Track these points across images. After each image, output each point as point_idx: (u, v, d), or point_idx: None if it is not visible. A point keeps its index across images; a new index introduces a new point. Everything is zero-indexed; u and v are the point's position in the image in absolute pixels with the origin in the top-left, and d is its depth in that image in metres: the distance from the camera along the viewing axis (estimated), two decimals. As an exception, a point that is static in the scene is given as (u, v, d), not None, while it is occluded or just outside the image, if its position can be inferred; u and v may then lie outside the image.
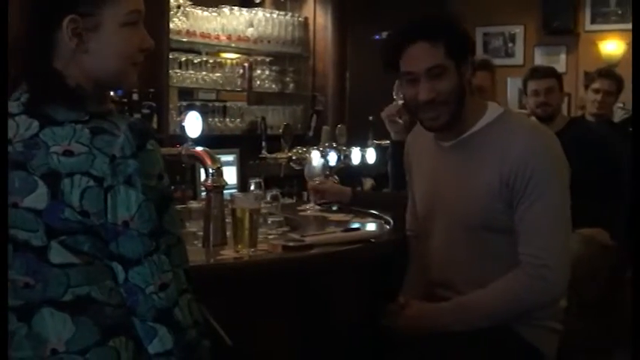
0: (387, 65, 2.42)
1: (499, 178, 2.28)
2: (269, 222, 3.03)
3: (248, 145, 5.00)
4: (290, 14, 5.86)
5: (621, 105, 5.31)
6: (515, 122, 2.44)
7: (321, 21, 5.96)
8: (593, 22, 6.39)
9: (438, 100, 2.32)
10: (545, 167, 2.29)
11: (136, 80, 1.75)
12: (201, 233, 2.65)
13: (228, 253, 2.42)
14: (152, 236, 1.57)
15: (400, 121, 3.35)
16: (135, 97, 4.57)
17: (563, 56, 6.39)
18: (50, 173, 1.55)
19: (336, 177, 3.82)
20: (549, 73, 4.33)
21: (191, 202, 3.54)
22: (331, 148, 3.95)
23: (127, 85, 1.88)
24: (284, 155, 4.02)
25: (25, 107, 1.61)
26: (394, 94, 2.43)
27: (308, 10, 5.98)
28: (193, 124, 2.84)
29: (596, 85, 4.94)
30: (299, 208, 3.68)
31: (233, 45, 5.46)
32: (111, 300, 1.60)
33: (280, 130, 4.31)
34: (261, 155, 4.22)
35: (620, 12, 6.28)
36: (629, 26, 6.23)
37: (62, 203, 1.55)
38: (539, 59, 6.31)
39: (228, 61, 5.55)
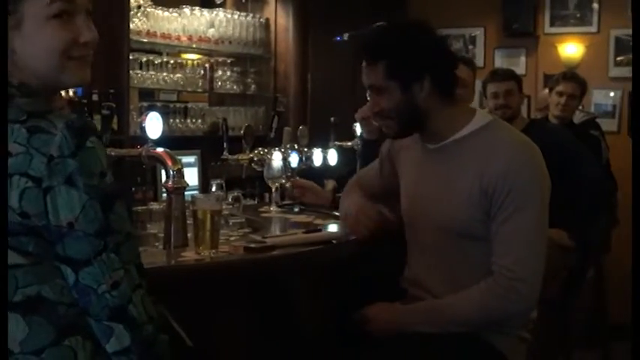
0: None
1: (479, 187, 2.29)
2: (230, 223, 3.04)
3: (209, 147, 4.99)
4: (251, 15, 5.86)
5: (580, 107, 5.39)
6: (501, 133, 2.43)
7: (283, 22, 5.97)
8: (552, 24, 6.45)
9: (382, 114, 2.40)
10: (525, 183, 2.29)
11: (87, 76, 1.70)
12: (162, 235, 2.66)
13: (189, 255, 2.41)
14: (99, 236, 1.56)
15: (374, 122, 3.38)
16: (95, 97, 4.55)
17: (523, 58, 6.44)
18: None
19: (297, 178, 3.83)
20: (509, 75, 4.37)
21: (152, 203, 3.53)
22: (293, 149, 3.96)
23: (72, 82, 1.75)
24: (245, 156, 4.02)
25: None
26: (368, 95, 2.44)
27: (269, 11, 5.98)
28: (154, 125, 2.83)
29: (560, 88, 5.01)
30: (261, 209, 3.69)
31: (194, 46, 5.44)
32: (63, 299, 1.58)
33: (242, 132, 4.29)
34: (222, 156, 4.21)
35: (578, 15, 6.35)
36: (588, 29, 6.34)
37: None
38: (500, 61, 6.36)
39: (189, 62, 5.54)
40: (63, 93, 2.55)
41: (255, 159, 3.94)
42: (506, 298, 2.28)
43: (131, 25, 4.89)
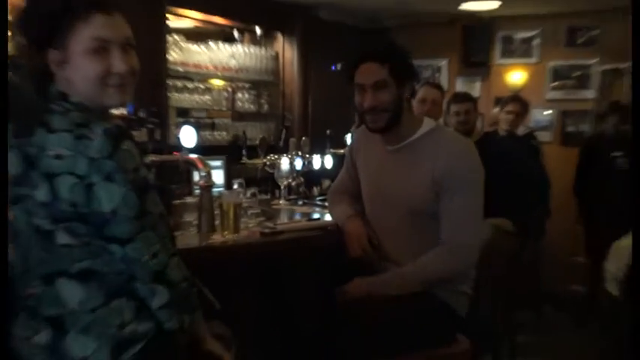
0: (347, 77, 2.47)
1: (432, 177, 2.34)
2: (249, 213, 3.04)
3: (232, 153, 4.97)
4: (264, 49, 5.84)
5: (524, 123, 5.45)
6: (445, 135, 2.50)
7: (289, 55, 5.94)
8: (502, 57, 6.42)
9: (379, 107, 2.38)
10: (464, 171, 2.36)
11: (125, 99, 1.68)
12: (195, 222, 2.66)
13: (216, 238, 2.43)
14: (138, 218, 1.57)
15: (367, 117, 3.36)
16: (142, 114, 4.56)
17: (478, 84, 6.43)
18: (48, 173, 1.55)
19: (301, 178, 3.85)
20: (467, 98, 4.38)
21: (187, 198, 3.52)
22: (297, 155, 3.97)
23: (112, 104, 1.70)
24: (260, 161, 4.03)
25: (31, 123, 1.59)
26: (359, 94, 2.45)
27: (278, 46, 5.96)
28: (188, 136, 2.86)
29: (509, 107, 5.03)
30: (272, 202, 3.70)
31: (219, 74, 5.43)
32: (110, 270, 1.60)
33: (257, 142, 4.31)
34: (242, 161, 4.22)
35: (522, 49, 6.35)
36: (530, 60, 6.31)
37: (58, 198, 1.55)
38: (460, 86, 6.36)
39: (216, 86, 5.52)
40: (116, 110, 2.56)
41: (268, 163, 3.96)
42: (452, 261, 2.36)
43: (169, 57, 4.90)
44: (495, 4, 5.79)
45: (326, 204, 3.41)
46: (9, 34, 1.75)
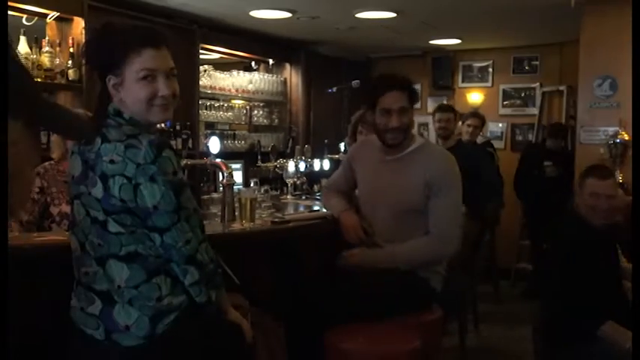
0: (369, 102, 2.43)
1: (423, 182, 2.34)
2: (262, 206, 3.02)
3: (249, 158, 4.97)
4: (275, 76, 5.84)
5: (481, 134, 5.43)
6: (433, 149, 2.53)
7: (295, 80, 5.95)
8: (462, 82, 6.42)
9: (401, 128, 2.37)
10: (448, 179, 2.38)
11: (168, 116, 1.66)
12: (219, 213, 2.63)
13: (236, 226, 2.40)
14: (174, 212, 1.56)
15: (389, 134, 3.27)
16: (177, 127, 4.56)
17: (444, 103, 6.44)
18: (103, 175, 1.54)
19: (304, 178, 3.81)
20: (449, 109, 4.34)
21: (213, 193, 3.52)
22: (301, 159, 3.95)
23: (157, 120, 1.67)
24: (271, 164, 4.01)
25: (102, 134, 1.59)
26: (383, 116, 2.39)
27: (286, 73, 5.96)
28: (214, 144, 2.83)
29: (469, 122, 4.99)
30: (281, 197, 3.67)
31: (239, 95, 5.42)
32: (151, 253, 1.58)
33: (269, 149, 4.28)
34: (257, 164, 4.19)
35: (479, 76, 6.33)
36: (486, 84, 6.31)
37: (109, 194, 1.54)
38: (431, 105, 6.34)
39: (237, 105, 5.52)
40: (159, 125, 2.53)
41: (278, 166, 3.93)
42: (438, 248, 2.35)
43: (200, 82, 4.91)
44: (457, 41, 5.85)
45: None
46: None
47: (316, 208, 3.12)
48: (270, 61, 5.92)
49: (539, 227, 4.95)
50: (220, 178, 2.71)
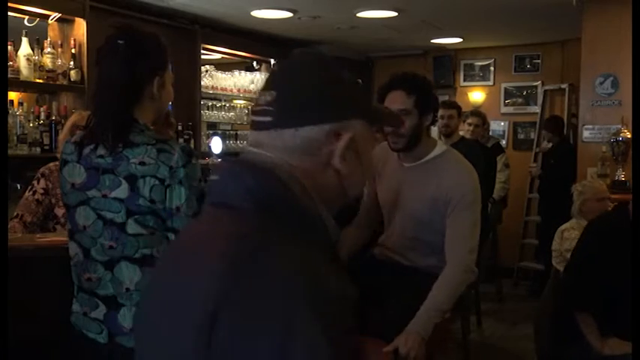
0: (379, 99, 2.25)
1: (434, 197, 2.20)
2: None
3: (251, 158, 4.98)
4: (277, 76, 5.83)
5: (490, 134, 5.46)
6: (453, 159, 2.30)
7: (297, 80, 5.93)
8: (464, 80, 6.42)
9: (400, 132, 2.18)
10: (467, 193, 2.20)
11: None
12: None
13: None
14: (194, 216, 1.57)
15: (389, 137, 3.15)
16: (179, 127, 4.55)
17: (447, 99, 6.42)
18: (131, 176, 1.55)
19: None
20: (452, 105, 4.32)
21: (215, 193, 3.48)
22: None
23: (170, 118, 1.83)
24: (273, 164, 3.99)
25: (113, 139, 1.58)
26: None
27: (288, 73, 5.95)
28: (216, 144, 2.82)
29: (469, 120, 4.97)
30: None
31: (241, 95, 5.40)
32: None
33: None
34: (259, 164, 4.18)
35: (481, 74, 6.33)
36: (487, 83, 6.30)
37: (137, 195, 1.54)
38: (432, 104, 6.33)
39: (238, 105, 5.49)
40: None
41: (280, 165, 3.91)
42: (462, 281, 2.19)
43: (202, 82, 4.90)
44: (459, 40, 5.83)
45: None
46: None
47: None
48: (272, 61, 5.90)
49: (550, 226, 4.93)
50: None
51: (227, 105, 5.31)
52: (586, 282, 2.24)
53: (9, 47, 3.45)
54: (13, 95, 3.70)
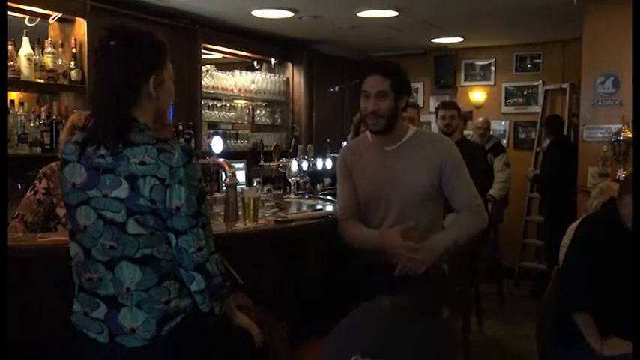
0: (358, 86, 2.45)
1: (436, 165, 2.38)
2: (265, 206, 2.99)
3: (252, 158, 4.99)
4: (277, 75, 5.82)
5: (491, 133, 5.45)
6: (429, 134, 2.58)
7: (297, 80, 5.93)
8: (465, 80, 6.41)
9: (379, 113, 2.36)
10: (458, 158, 2.43)
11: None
12: (222, 213, 2.62)
13: (239, 225, 2.40)
14: (194, 217, 1.57)
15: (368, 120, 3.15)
16: (180, 127, 4.55)
17: (448, 100, 6.41)
18: (131, 175, 1.54)
19: (307, 177, 3.80)
20: (453, 105, 4.33)
21: (216, 193, 3.51)
22: (304, 159, 3.93)
23: (166, 119, 1.83)
24: (274, 164, 4.00)
25: (113, 140, 1.57)
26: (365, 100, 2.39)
27: (289, 73, 5.95)
28: (217, 144, 2.84)
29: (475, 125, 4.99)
30: (284, 197, 3.66)
31: (242, 95, 5.41)
32: (165, 256, 1.59)
33: (272, 148, 4.28)
34: (260, 164, 4.20)
35: (482, 74, 6.32)
36: (488, 83, 6.30)
37: (138, 195, 1.54)
38: (433, 104, 6.33)
39: (239, 105, 5.50)
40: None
41: (281, 165, 3.91)
42: (479, 223, 2.44)
43: (202, 82, 4.90)
44: (459, 39, 5.82)
45: (328, 198, 3.37)
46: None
47: (319, 207, 3.11)
48: (272, 61, 5.91)
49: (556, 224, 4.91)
50: (223, 177, 2.71)
51: (228, 105, 5.31)
52: (580, 282, 2.24)
53: (10, 47, 3.46)
54: (13, 95, 3.71)
